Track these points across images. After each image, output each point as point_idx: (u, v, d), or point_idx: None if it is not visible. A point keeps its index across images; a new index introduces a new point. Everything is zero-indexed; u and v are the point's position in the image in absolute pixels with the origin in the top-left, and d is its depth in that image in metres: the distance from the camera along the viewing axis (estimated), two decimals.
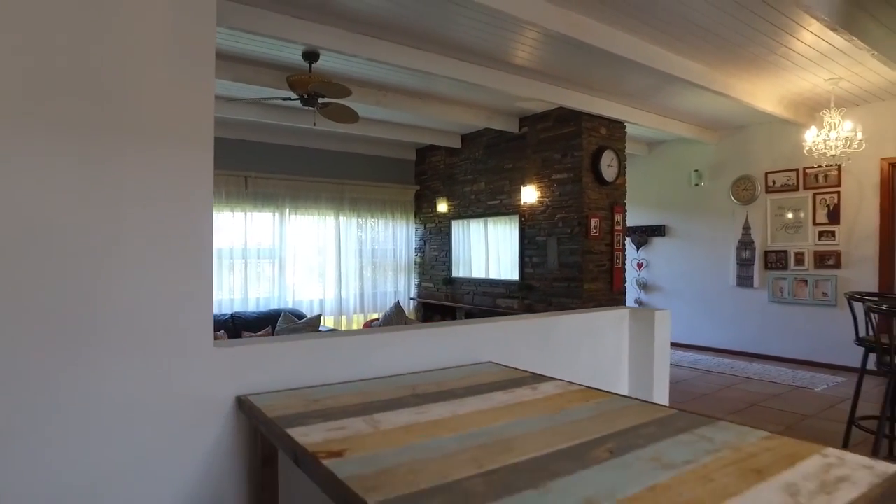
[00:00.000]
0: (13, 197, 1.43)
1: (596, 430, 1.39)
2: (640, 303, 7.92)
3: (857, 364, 3.23)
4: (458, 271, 7.76)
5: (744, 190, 6.83)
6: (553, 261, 6.17)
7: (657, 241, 7.79)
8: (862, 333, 3.16)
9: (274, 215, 7.29)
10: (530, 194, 6.43)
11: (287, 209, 7.39)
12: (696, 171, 7.29)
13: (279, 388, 1.84)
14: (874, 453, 2.84)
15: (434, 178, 8.33)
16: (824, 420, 4.31)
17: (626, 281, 6.32)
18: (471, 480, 1.08)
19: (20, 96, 1.44)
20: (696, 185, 7.30)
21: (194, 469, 1.68)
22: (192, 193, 1.69)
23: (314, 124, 5.61)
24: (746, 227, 6.82)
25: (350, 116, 4.86)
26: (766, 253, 6.63)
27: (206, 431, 1.70)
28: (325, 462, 1.18)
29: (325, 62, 4.73)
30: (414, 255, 8.72)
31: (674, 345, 7.49)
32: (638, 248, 7.95)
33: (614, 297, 6.10)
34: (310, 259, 7.66)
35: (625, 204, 6.31)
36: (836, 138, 5.02)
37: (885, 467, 1.15)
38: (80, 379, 1.51)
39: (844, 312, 5.92)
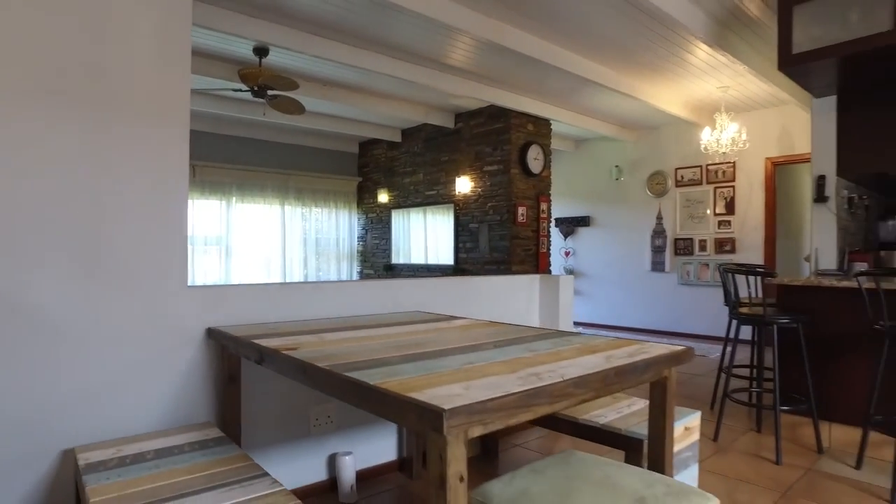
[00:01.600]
0: (48, 154, 1.83)
1: (489, 338, 1.91)
2: None
3: (749, 337, 3.88)
4: (398, 258, 8.23)
5: (657, 184, 7.60)
6: (485, 246, 6.73)
7: (583, 231, 8.49)
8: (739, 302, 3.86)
9: (221, 203, 7.55)
10: (464, 185, 6.98)
11: (234, 198, 7.66)
12: (617, 166, 8.03)
13: (243, 323, 2.28)
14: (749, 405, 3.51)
15: (376, 171, 8.77)
16: (708, 377, 5.03)
17: (550, 264, 6.95)
18: (390, 357, 1.57)
19: (35, 75, 1.83)
20: (617, 179, 8.04)
21: (173, 384, 2.11)
22: (172, 161, 2.11)
23: (264, 115, 5.96)
24: (660, 218, 7.60)
25: (297, 108, 5.25)
26: (676, 240, 7.42)
27: (182, 355, 2.13)
28: (284, 352, 1.65)
29: (275, 57, 5.10)
30: (356, 243, 9.13)
31: (597, 325, 8.23)
32: (565, 238, 8.64)
33: None
34: (256, 247, 7.95)
35: (549, 194, 6.94)
36: (726, 139, 5.79)
37: (675, 348, 1.71)
38: (87, 304, 1.91)
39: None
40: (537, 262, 6.68)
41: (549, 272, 6.98)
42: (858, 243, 4.42)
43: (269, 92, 4.99)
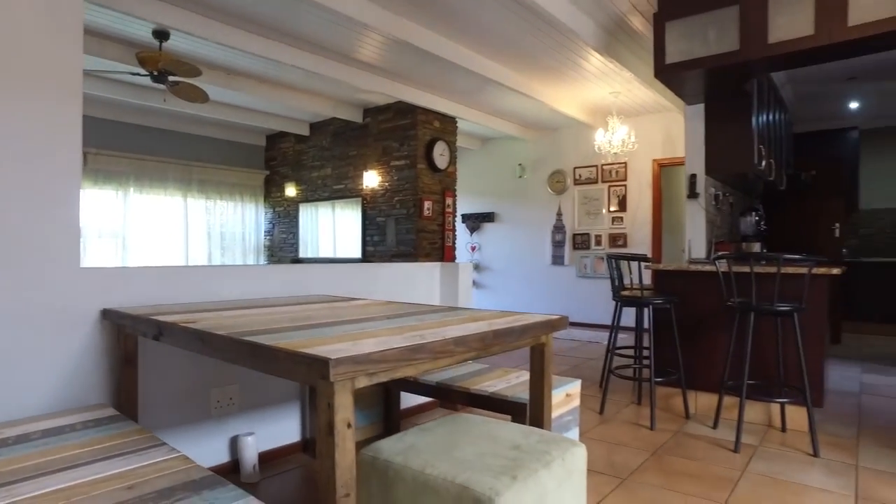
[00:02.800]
0: None
1: (383, 313, 2.03)
2: (473, 282, 8.90)
3: (643, 325, 4.21)
4: (307, 252, 8.18)
5: (557, 182, 8.04)
6: (391, 239, 6.85)
7: (488, 227, 8.82)
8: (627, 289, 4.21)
9: (117, 194, 7.17)
10: (372, 179, 7.06)
11: (131, 188, 7.31)
12: (521, 165, 8.41)
13: (142, 305, 2.27)
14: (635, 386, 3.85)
15: (283, 164, 8.65)
16: (601, 361, 5.44)
17: (456, 258, 7.18)
18: (285, 327, 1.66)
19: None
20: (520, 177, 8.42)
21: (64, 366, 2.07)
22: (62, 136, 2.07)
23: (164, 101, 5.75)
24: (559, 214, 8.04)
25: (200, 96, 5.12)
26: (574, 236, 7.88)
27: (74, 336, 2.10)
28: (182, 325, 1.69)
29: (177, 42, 4.95)
30: (263, 238, 8.96)
31: None
32: (471, 233, 8.93)
33: None
34: (156, 240, 7.62)
35: (455, 190, 7.17)
36: (617, 140, 6.25)
37: (551, 316, 1.91)
38: None
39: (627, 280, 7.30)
40: (443, 256, 6.88)
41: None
42: (724, 235, 4.95)
43: (170, 78, 4.85)
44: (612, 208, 7.54)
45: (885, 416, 3.62)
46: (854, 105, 6.91)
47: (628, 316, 6.86)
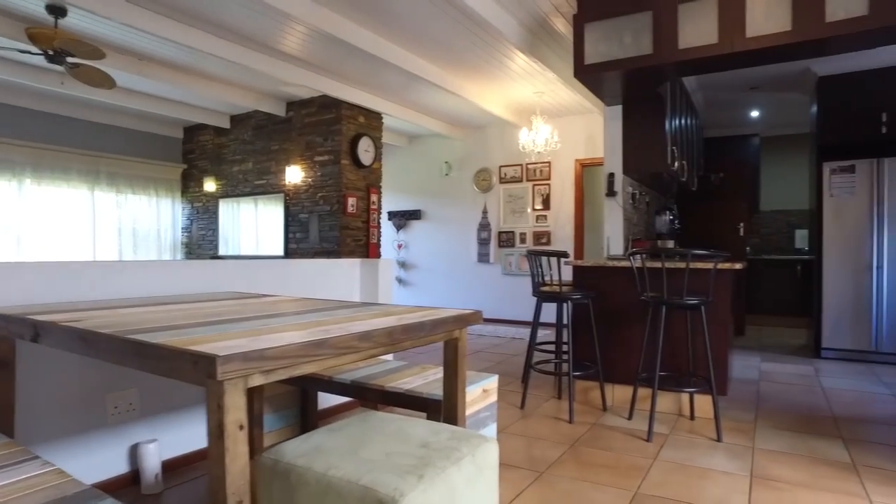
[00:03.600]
0: None
1: (291, 309, 1.94)
2: (400, 280, 8.84)
3: (563, 320, 4.27)
4: (227, 249, 7.84)
5: (483, 180, 8.10)
6: (315, 236, 6.68)
7: (415, 225, 8.77)
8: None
9: (10, 185, 6.60)
10: (295, 174, 6.86)
11: (27, 179, 6.74)
12: (447, 162, 8.42)
13: (27, 303, 2.07)
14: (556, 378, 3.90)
15: (202, 158, 8.25)
16: (524, 356, 5.51)
17: (381, 255, 7.09)
18: (183, 324, 1.55)
19: None
20: (447, 175, 8.43)
21: None
22: None
23: (62, 84, 5.32)
24: (485, 212, 8.11)
25: (105, 81, 4.77)
26: (500, 233, 7.97)
27: None
28: (63, 324, 1.54)
29: (75, 20, 4.60)
30: (180, 234, 8.52)
31: None
32: (398, 231, 8.86)
33: None
34: (59, 236, 7.07)
35: (380, 186, 7.08)
36: (541, 140, 6.37)
37: (464, 311, 1.88)
38: None
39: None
40: (367, 253, 6.78)
41: None
42: (641, 233, 5.14)
43: (69, 59, 4.49)
44: (536, 207, 7.67)
45: (779, 400, 3.86)
46: (755, 113, 7.36)
47: (552, 312, 7.01)
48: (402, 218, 8.83)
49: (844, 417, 3.52)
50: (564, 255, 3.51)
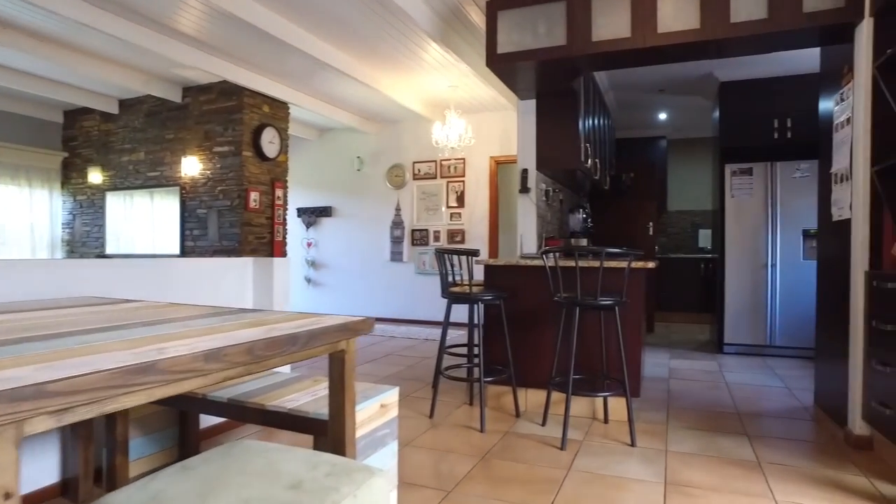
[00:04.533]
0: None
1: (148, 318, 1.60)
2: (309, 280, 8.40)
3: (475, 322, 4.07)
4: (117, 247, 7.11)
5: (396, 176, 7.83)
6: (214, 233, 6.16)
7: (325, 222, 8.37)
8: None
9: None
10: (192, 166, 6.30)
11: None
12: (359, 157, 8.08)
13: None
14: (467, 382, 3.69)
15: (87, 146, 7.45)
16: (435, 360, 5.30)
17: (286, 254, 6.67)
18: (29, 338, 1.18)
19: None
20: (359, 170, 8.09)
21: None
22: None
23: None
24: (398, 210, 7.84)
25: None
26: (413, 231, 7.74)
27: None
28: None
29: None
30: (61, 230, 7.66)
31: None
32: (308, 228, 8.43)
33: None
34: None
35: (286, 180, 6.65)
36: (455, 135, 6.18)
37: (353, 319, 1.61)
38: None
39: None
40: (272, 252, 6.34)
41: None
42: (554, 231, 5.07)
43: None
44: (451, 204, 7.50)
45: (688, 398, 3.88)
46: (663, 116, 7.56)
47: (465, 313, 6.85)
48: (312, 215, 8.41)
49: (747, 413, 3.56)
50: (475, 253, 3.32)
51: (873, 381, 2.80)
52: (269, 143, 6.29)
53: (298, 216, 8.48)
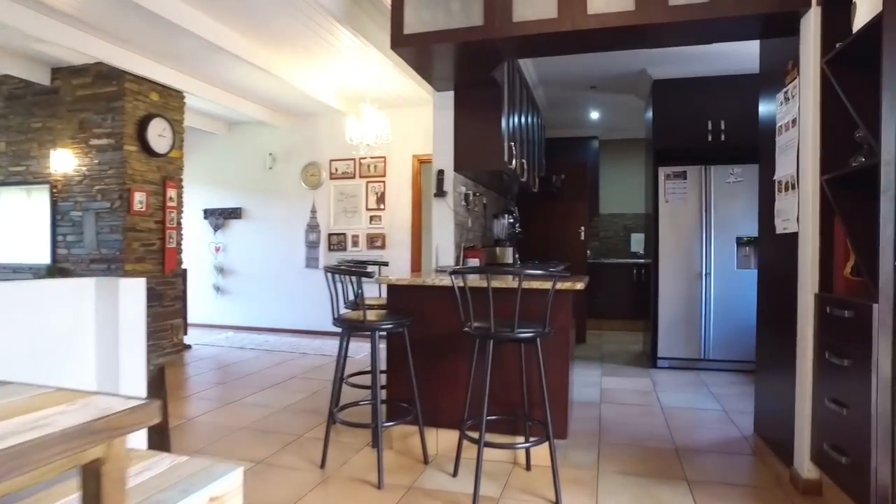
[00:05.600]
0: None
1: None
2: (217, 289, 7.60)
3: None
4: None
5: (311, 175, 7.16)
6: (91, 239, 5.31)
7: (235, 224, 7.59)
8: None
9: None
10: (65, 161, 5.41)
11: None
12: (271, 154, 7.35)
13: None
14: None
15: None
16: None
17: (181, 262, 5.88)
18: None
19: None
20: (271, 168, 7.36)
21: None
22: None
23: None
24: (314, 211, 7.18)
25: None
26: (330, 235, 7.09)
27: None
28: None
29: None
30: None
31: (251, 329, 7.42)
32: (216, 231, 7.62)
33: (167, 279, 5.61)
34: None
35: (181, 179, 5.86)
36: (371, 132, 5.59)
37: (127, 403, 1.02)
38: None
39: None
40: (163, 261, 5.55)
41: (182, 272, 5.92)
42: (476, 240, 4.58)
43: None
44: (370, 206, 6.91)
45: (621, 431, 3.46)
46: (595, 115, 7.25)
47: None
48: (221, 216, 7.60)
49: (685, 447, 3.18)
50: (367, 274, 2.77)
51: (825, 420, 2.43)
52: (159, 136, 5.48)
53: (205, 218, 7.65)
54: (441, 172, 3.95)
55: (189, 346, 6.22)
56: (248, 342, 6.61)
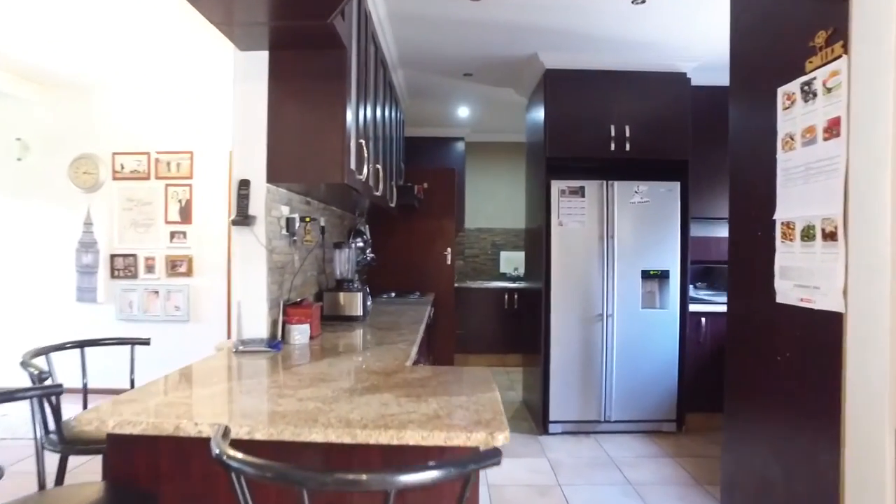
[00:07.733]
0: None
1: None
2: None
3: None
4: None
5: (86, 173, 5.12)
6: None
7: None
8: None
9: None
10: None
11: None
12: (20, 139, 5.16)
13: None
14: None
15: None
16: None
17: None
18: None
19: None
20: (20, 160, 5.18)
21: None
22: None
23: None
24: (89, 223, 5.15)
25: None
26: (113, 257, 5.11)
27: None
28: None
29: None
30: None
31: None
32: None
33: None
34: None
35: None
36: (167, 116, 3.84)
37: None
38: None
39: (198, 327, 4.99)
40: None
41: None
42: (310, 285, 3.08)
43: None
44: (170, 218, 5.07)
45: None
46: (464, 112, 6.08)
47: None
48: None
49: None
50: (57, 391, 1.21)
51: None
52: None
53: None
54: (245, 185, 2.41)
55: None
56: None
